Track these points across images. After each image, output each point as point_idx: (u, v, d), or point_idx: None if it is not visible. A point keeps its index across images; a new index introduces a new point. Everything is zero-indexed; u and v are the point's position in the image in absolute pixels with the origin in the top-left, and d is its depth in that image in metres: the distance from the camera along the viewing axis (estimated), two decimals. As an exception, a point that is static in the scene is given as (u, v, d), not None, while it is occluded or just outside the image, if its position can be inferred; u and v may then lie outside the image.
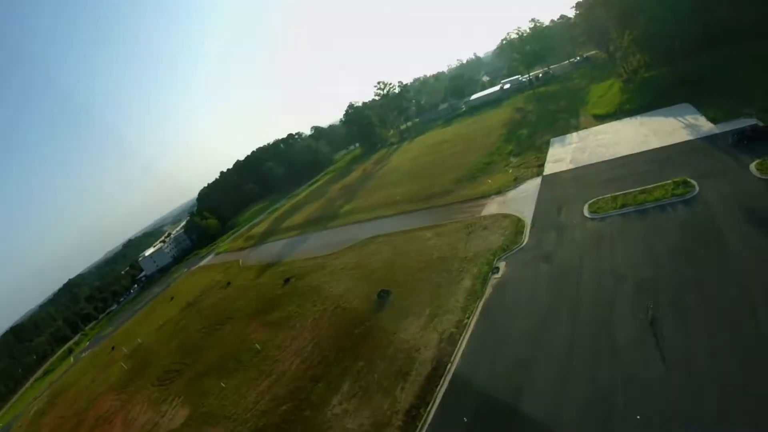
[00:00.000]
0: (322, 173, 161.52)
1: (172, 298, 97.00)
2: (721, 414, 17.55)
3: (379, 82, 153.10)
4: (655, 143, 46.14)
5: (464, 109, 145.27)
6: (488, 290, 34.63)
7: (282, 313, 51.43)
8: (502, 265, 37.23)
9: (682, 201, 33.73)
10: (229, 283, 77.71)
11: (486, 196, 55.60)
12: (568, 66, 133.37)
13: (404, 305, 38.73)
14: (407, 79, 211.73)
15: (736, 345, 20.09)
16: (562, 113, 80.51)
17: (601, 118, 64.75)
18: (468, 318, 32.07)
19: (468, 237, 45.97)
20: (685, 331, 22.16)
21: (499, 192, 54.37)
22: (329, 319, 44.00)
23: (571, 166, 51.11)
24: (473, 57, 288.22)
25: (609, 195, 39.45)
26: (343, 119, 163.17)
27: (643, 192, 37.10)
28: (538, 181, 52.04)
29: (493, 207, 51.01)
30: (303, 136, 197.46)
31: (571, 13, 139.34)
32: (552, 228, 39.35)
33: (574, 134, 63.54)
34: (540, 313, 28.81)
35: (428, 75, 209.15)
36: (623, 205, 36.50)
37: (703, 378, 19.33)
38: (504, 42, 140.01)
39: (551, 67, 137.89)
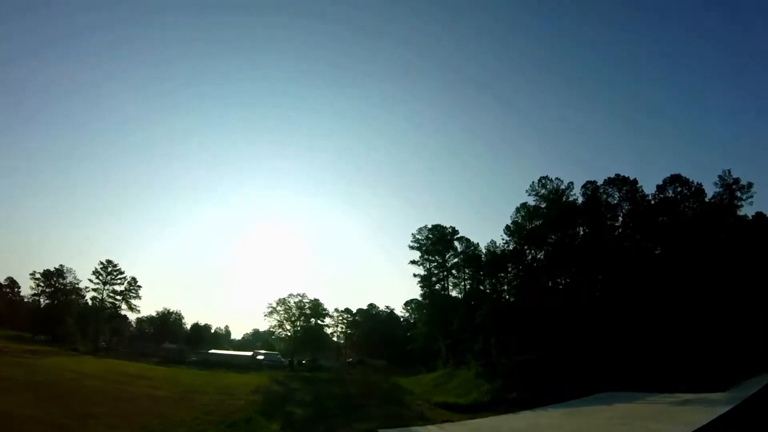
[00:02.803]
0: None
1: None
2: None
3: (109, 263, 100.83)
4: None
5: (194, 359, 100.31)
6: None
7: None
8: None
9: None
10: None
11: None
12: (336, 363, 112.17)
13: None
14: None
15: None
16: (363, 399, 49.61)
17: (466, 410, 41.92)
18: None
19: None
20: None
21: None
22: None
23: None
24: (222, 329, 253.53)
25: None
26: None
27: None
28: None
29: None
30: None
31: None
32: None
33: (431, 427, 33.52)
34: None
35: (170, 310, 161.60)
36: None
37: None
38: (279, 304, 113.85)
39: (318, 359, 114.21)
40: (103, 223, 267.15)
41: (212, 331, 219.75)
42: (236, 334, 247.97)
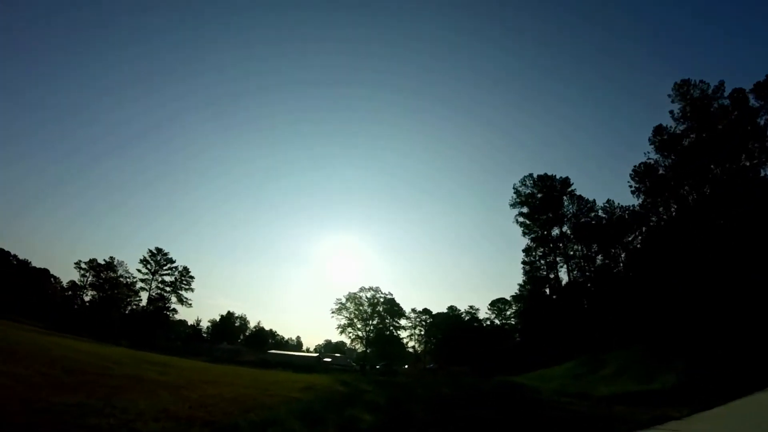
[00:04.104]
0: None
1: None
2: None
3: (159, 251, 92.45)
4: None
5: (250, 359, 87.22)
6: None
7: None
8: None
9: None
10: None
11: None
12: (413, 369, 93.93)
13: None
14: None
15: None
16: (466, 401, 30.37)
17: (666, 400, 26.85)
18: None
19: None
20: None
21: None
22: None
23: None
24: (294, 340, 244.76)
25: None
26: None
27: None
28: None
29: None
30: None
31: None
32: None
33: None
34: None
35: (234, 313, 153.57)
36: None
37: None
38: (349, 300, 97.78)
39: (393, 365, 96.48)
40: (169, 221, 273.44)
41: (281, 339, 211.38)
42: (308, 345, 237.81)
